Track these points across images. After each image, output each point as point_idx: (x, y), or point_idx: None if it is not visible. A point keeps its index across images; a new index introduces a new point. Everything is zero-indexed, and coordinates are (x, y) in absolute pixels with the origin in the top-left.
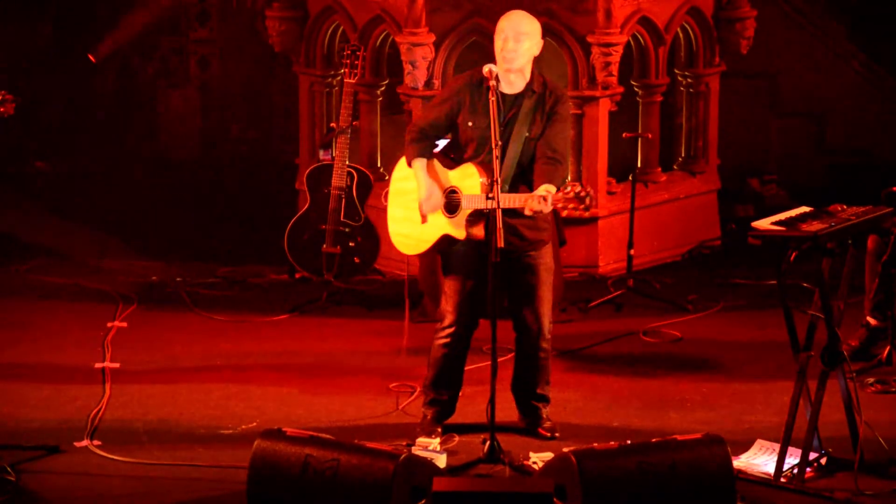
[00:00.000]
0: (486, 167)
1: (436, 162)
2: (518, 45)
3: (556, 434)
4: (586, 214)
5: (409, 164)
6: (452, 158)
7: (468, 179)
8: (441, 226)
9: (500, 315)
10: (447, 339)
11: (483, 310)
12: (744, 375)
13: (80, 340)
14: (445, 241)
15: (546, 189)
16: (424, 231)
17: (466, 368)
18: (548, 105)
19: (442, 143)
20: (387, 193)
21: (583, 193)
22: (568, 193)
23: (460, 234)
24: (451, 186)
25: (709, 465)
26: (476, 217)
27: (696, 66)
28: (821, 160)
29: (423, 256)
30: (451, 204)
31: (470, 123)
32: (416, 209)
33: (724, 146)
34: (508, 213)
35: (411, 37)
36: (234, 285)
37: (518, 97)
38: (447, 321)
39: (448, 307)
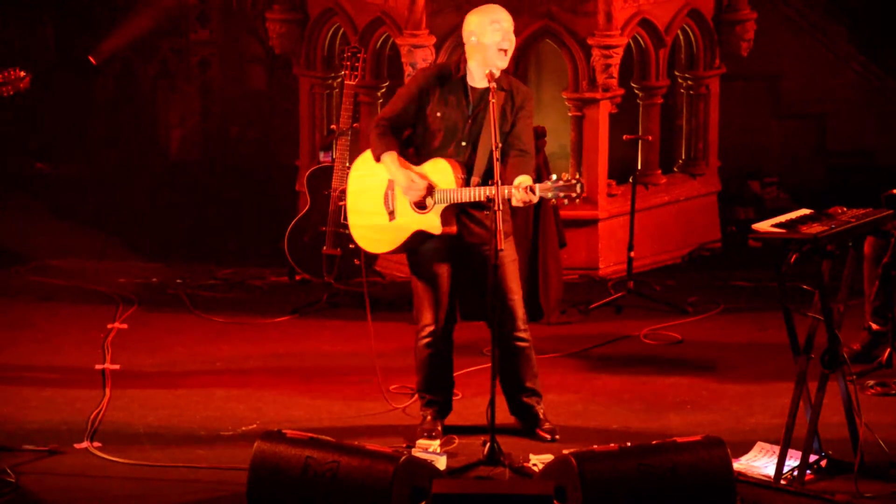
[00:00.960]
0: (457, 162)
1: (401, 158)
2: (512, 35)
3: (556, 436)
4: (577, 202)
5: (378, 160)
6: (415, 154)
7: (439, 174)
8: (413, 222)
9: (471, 316)
10: (428, 339)
11: (461, 306)
12: (744, 377)
13: (80, 342)
14: (418, 238)
15: (527, 180)
16: (393, 228)
17: (466, 370)
18: (517, 101)
19: None
20: (344, 191)
21: (572, 182)
22: (557, 182)
23: (435, 229)
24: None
25: (709, 468)
26: (450, 212)
27: (697, 69)
28: (821, 162)
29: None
30: (421, 199)
31: (438, 114)
32: (382, 205)
33: (725, 148)
34: (474, 205)
35: (412, 39)
36: (234, 287)
37: (486, 91)
38: (424, 321)
39: (423, 306)
